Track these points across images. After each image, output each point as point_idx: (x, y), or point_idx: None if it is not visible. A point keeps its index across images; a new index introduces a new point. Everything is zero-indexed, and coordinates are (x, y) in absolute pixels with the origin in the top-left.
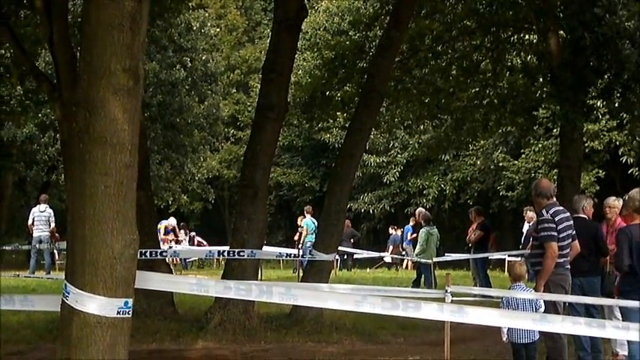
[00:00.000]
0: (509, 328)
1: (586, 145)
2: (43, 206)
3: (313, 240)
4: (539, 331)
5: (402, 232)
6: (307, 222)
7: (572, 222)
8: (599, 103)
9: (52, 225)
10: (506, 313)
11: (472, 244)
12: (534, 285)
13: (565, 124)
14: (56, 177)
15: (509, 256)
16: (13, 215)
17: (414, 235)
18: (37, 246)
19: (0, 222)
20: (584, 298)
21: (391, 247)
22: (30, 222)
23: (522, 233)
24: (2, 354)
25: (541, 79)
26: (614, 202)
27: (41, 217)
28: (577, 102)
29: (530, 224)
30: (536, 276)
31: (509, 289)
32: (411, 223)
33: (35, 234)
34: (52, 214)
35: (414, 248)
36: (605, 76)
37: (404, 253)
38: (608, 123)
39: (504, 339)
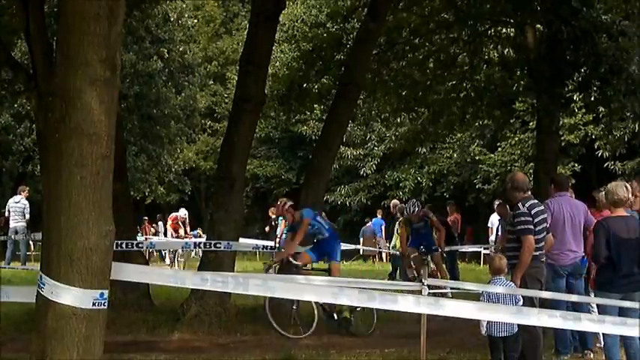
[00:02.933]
0: (487, 321)
1: (562, 138)
2: (18, 197)
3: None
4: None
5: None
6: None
7: (546, 215)
8: (575, 97)
9: (27, 216)
10: (482, 305)
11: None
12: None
13: (543, 116)
14: (32, 168)
15: (484, 249)
16: None
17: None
18: (13, 237)
19: None
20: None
21: (361, 239)
22: (6, 213)
23: (489, 227)
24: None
25: (518, 72)
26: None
27: (16, 208)
28: (554, 95)
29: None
30: (512, 269)
31: (489, 282)
32: (379, 216)
33: (11, 225)
34: (28, 205)
35: (386, 240)
36: (582, 70)
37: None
38: (584, 117)
39: (483, 332)
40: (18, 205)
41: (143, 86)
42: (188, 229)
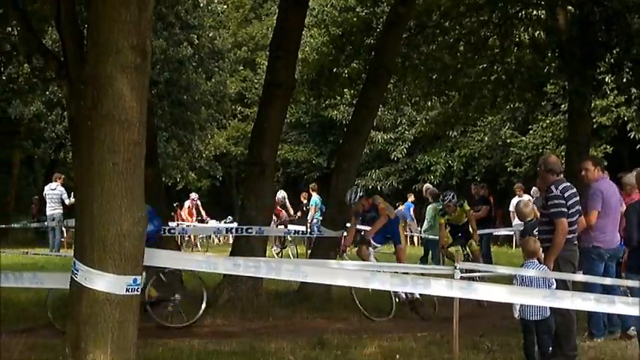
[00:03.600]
0: (520, 305)
1: (594, 120)
2: (53, 184)
3: (320, 217)
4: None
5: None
6: (314, 199)
7: (578, 198)
8: (607, 79)
9: (67, 201)
10: (515, 289)
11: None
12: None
13: (574, 98)
14: (64, 155)
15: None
16: (21, 193)
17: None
18: (49, 224)
19: (8, 200)
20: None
21: None
22: (43, 200)
23: (510, 211)
24: (12, 331)
25: (549, 55)
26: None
27: (52, 195)
28: (586, 77)
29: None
30: (544, 252)
31: (522, 265)
32: (410, 199)
33: (48, 212)
34: (64, 191)
35: (417, 224)
36: (614, 51)
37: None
38: (616, 98)
39: (516, 315)
40: (54, 192)
41: (173, 72)
42: (203, 212)
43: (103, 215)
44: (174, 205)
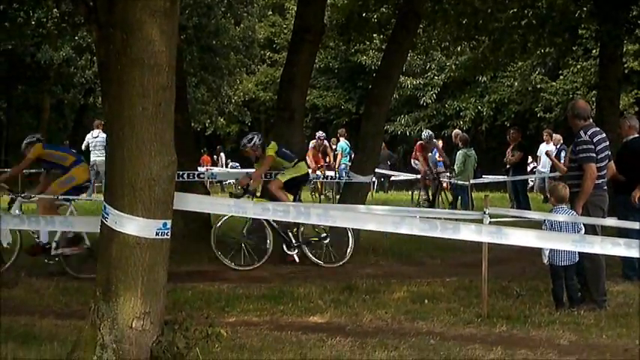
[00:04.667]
0: (550, 250)
1: (625, 65)
2: (96, 132)
3: (348, 162)
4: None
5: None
6: (341, 145)
7: (608, 143)
8: None
9: None
10: (544, 234)
11: (511, 165)
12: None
13: (606, 42)
14: (93, 100)
15: (547, 177)
16: (51, 138)
17: (441, 157)
18: (96, 168)
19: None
20: (629, 223)
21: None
22: (84, 148)
23: (538, 155)
24: (42, 274)
25: None
26: None
27: (96, 143)
28: (618, 20)
29: (558, 145)
30: (573, 197)
31: (551, 211)
32: (440, 145)
33: (92, 158)
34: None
35: (447, 170)
36: None
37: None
38: None
39: (545, 261)
40: (97, 139)
41: (202, 17)
42: (223, 159)
43: (133, 159)
44: (202, 150)
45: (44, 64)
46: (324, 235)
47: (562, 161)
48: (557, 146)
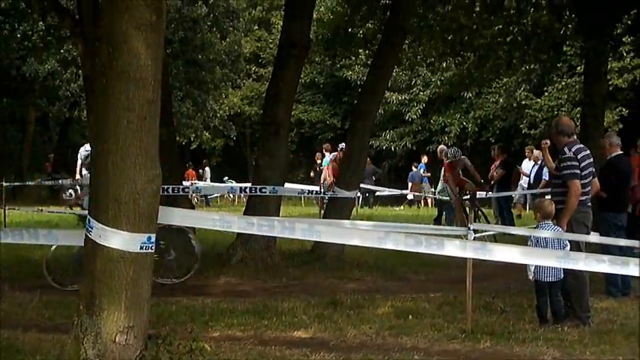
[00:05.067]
0: (535, 266)
1: (610, 82)
2: (88, 146)
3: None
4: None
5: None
6: (327, 160)
7: (592, 160)
8: (625, 39)
9: None
10: (529, 250)
11: (494, 182)
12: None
13: (591, 58)
14: (78, 113)
15: (531, 194)
16: (36, 151)
17: (428, 173)
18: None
19: (23, 158)
20: (612, 239)
21: (410, 184)
22: (79, 162)
23: (518, 174)
24: (27, 288)
25: (566, 16)
26: None
27: (88, 155)
28: (603, 37)
29: (539, 163)
30: (558, 214)
31: (537, 227)
32: (424, 161)
33: (84, 172)
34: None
35: (431, 185)
36: (632, 12)
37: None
38: (632, 60)
39: (530, 277)
40: (90, 152)
41: (188, 31)
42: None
43: (118, 173)
44: (187, 164)
45: (29, 77)
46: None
47: (544, 178)
48: (539, 163)
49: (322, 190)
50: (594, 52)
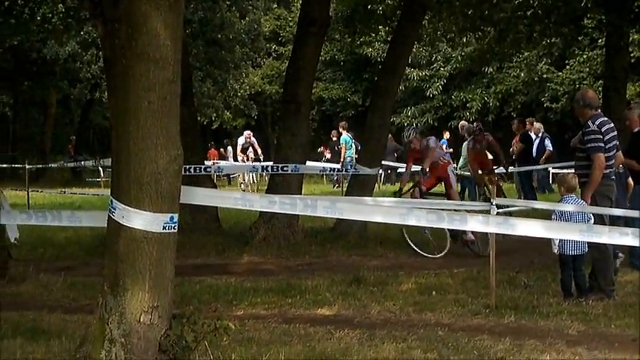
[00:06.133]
0: (559, 240)
1: (632, 55)
2: (246, 133)
3: (353, 154)
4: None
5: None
6: (344, 138)
7: (616, 132)
8: None
9: None
10: (552, 224)
11: (515, 156)
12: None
13: (612, 32)
14: (99, 94)
15: (553, 168)
16: (58, 133)
17: (450, 149)
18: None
19: (45, 140)
20: (634, 212)
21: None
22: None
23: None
24: (51, 270)
25: None
26: None
27: None
28: (624, 9)
29: (540, 135)
30: (581, 187)
31: (560, 201)
32: (446, 136)
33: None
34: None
35: (453, 161)
36: None
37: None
38: None
39: (555, 250)
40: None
41: (207, 11)
42: (259, 150)
43: (139, 153)
44: (209, 144)
45: (50, 60)
46: None
47: (548, 148)
48: (539, 135)
49: (343, 168)
50: (613, 25)
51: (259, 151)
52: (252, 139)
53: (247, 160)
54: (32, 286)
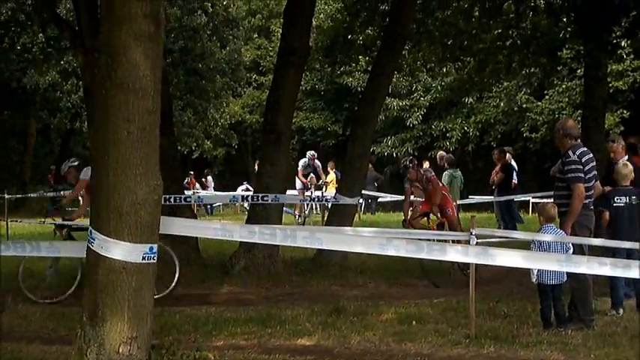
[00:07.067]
0: (538, 269)
1: (610, 85)
2: (309, 153)
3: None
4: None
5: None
6: (332, 176)
7: (595, 163)
8: (623, 43)
9: None
10: (531, 254)
11: (495, 186)
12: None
13: (590, 63)
14: (80, 124)
15: (532, 197)
16: (38, 163)
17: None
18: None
19: (25, 169)
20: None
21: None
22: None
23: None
24: (29, 300)
25: (565, 19)
26: None
27: None
28: (601, 41)
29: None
30: (561, 217)
31: (539, 230)
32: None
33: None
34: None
35: None
36: (630, 14)
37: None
38: (632, 62)
39: (534, 280)
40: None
41: (188, 41)
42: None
43: (119, 184)
44: (189, 174)
45: (30, 89)
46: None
47: (514, 180)
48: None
49: (324, 197)
50: (591, 56)
51: (323, 177)
52: (317, 162)
53: (310, 186)
54: (10, 316)
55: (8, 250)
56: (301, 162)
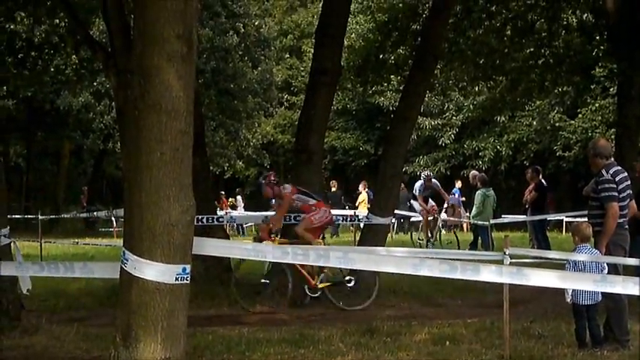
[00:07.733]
0: (573, 289)
1: None
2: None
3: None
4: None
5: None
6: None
7: (629, 182)
8: None
9: None
10: (565, 274)
11: (528, 205)
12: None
13: (623, 81)
14: (112, 145)
15: (566, 217)
16: (71, 183)
17: (463, 197)
18: None
19: (58, 190)
20: None
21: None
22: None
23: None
24: (63, 321)
25: (597, 37)
26: None
27: None
28: (634, 59)
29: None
30: (595, 237)
31: (574, 250)
32: (458, 185)
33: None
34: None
35: (466, 210)
36: None
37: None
38: None
39: (568, 300)
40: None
41: (220, 61)
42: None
43: (152, 205)
44: (220, 193)
45: (63, 111)
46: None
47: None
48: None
49: (357, 217)
50: (625, 74)
51: (446, 197)
52: (435, 181)
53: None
54: (45, 337)
55: (43, 271)
56: (417, 184)
